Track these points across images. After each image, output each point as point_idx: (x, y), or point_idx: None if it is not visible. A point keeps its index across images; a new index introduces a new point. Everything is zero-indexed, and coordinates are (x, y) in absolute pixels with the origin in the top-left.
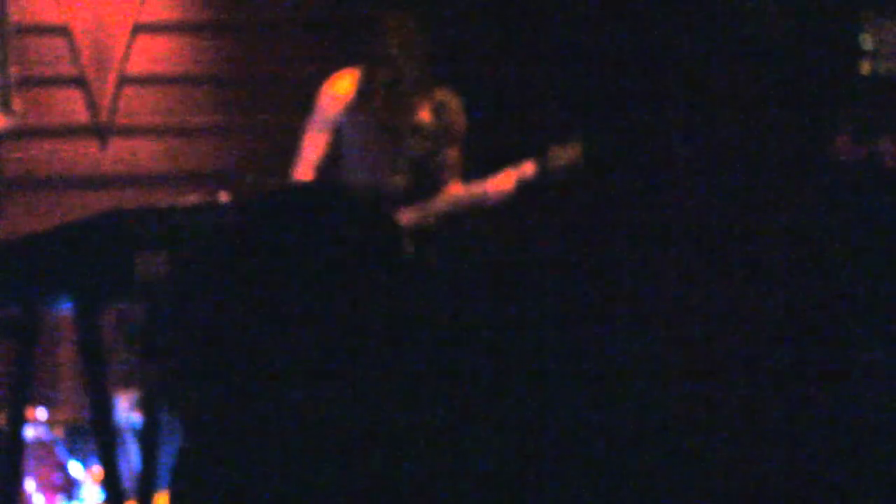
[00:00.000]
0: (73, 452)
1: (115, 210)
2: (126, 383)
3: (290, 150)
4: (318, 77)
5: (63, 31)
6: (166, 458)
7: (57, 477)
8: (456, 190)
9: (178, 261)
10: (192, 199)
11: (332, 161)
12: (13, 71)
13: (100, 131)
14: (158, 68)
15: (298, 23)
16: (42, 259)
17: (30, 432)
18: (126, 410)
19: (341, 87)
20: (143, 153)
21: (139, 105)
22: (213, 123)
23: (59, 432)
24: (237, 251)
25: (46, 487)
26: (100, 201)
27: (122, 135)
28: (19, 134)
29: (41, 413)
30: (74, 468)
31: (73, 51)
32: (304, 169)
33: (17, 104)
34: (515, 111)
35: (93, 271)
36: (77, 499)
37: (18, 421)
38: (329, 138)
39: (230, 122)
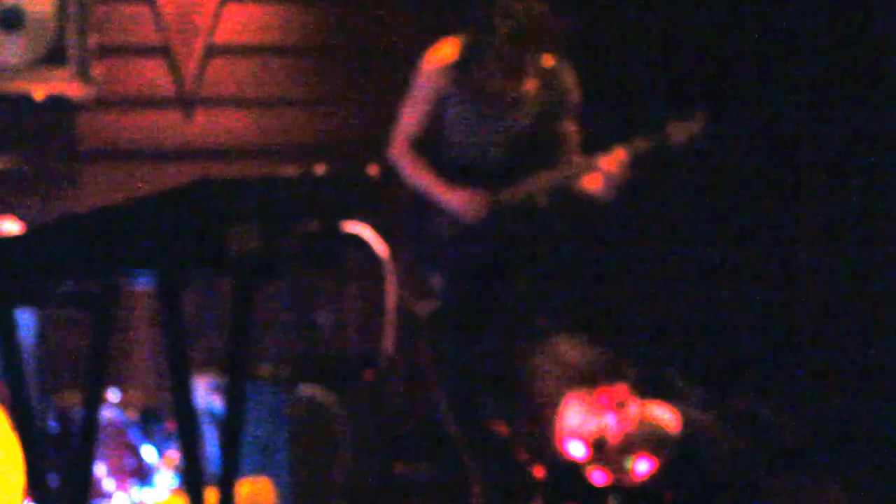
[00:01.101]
0: (147, 436)
1: (203, 179)
2: (204, 365)
3: (379, 122)
4: (410, 46)
5: None
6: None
7: (129, 461)
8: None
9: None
10: (288, 170)
11: (433, 133)
12: (94, 39)
13: (184, 102)
14: (246, 38)
15: None
16: (124, 230)
17: (102, 415)
18: (204, 394)
19: (444, 56)
20: (229, 125)
21: (225, 76)
22: (301, 95)
23: (132, 415)
24: None
25: (118, 472)
26: (182, 174)
27: (207, 106)
28: (99, 104)
29: (113, 395)
30: (148, 453)
31: (158, 19)
32: (403, 141)
33: (97, 73)
34: (632, 86)
35: (180, 244)
36: (149, 484)
37: (94, 402)
38: (430, 110)
39: (319, 93)
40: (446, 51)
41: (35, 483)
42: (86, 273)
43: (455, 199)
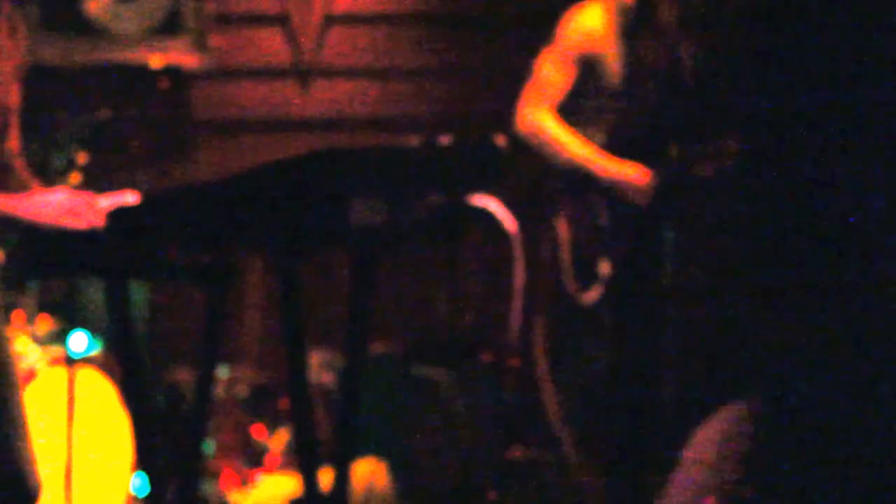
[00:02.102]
0: (256, 414)
1: (326, 150)
2: (316, 342)
3: (501, 93)
4: (532, 16)
5: None
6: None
7: (238, 439)
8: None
9: None
10: (412, 140)
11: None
12: (210, 8)
13: (302, 73)
14: (365, 7)
15: None
16: (243, 202)
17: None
18: (316, 371)
19: (589, 19)
20: (346, 96)
21: (344, 46)
22: (419, 65)
23: (241, 391)
24: None
25: (227, 450)
26: (299, 145)
27: (326, 76)
28: (215, 74)
29: (223, 371)
30: (257, 430)
31: None
32: (542, 107)
33: (214, 42)
34: None
35: (300, 217)
36: (259, 463)
37: (208, 378)
38: (573, 74)
39: (439, 63)
40: (592, 14)
41: (145, 458)
42: (203, 246)
43: (621, 175)
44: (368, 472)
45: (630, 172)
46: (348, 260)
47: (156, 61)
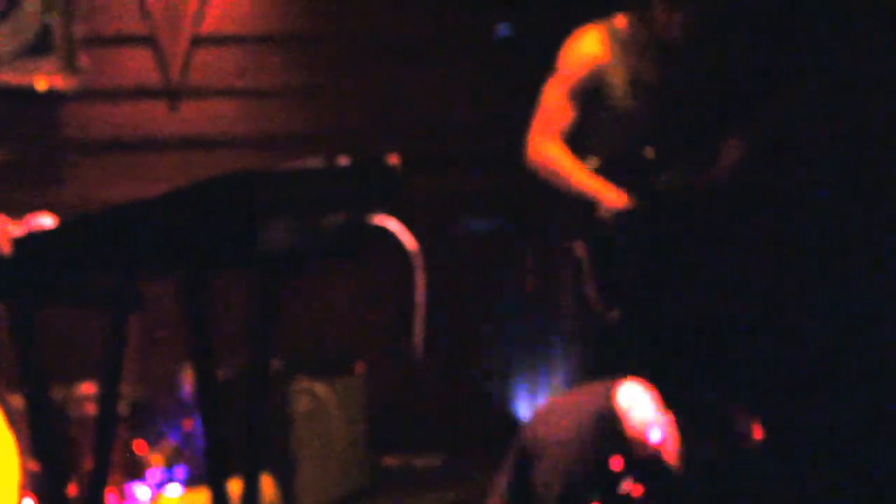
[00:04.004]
0: (138, 431)
1: (235, 172)
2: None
3: (366, 112)
4: (395, 35)
5: None
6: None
7: (120, 456)
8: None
9: None
10: (313, 162)
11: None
12: (79, 28)
13: (170, 93)
14: (232, 27)
15: None
16: (150, 225)
17: (91, 408)
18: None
19: (587, 45)
20: (215, 115)
21: (212, 66)
22: (287, 85)
23: (122, 409)
24: None
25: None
26: (169, 165)
27: (195, 96)
28: (85, 94)
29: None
30: (138, 446)
31: (144, 8)
32: (552, 135)
33: (83, 63)
34: None
35: (210, 240)
36: (140, 478)
37: (112, 398)
38: (579, 102)
39: (307, 83)
40: (592, 39)
41: (33, 482)
42: (110, 271)
43: (612, 201)
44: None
45: (615, 196)
46: (254, 282)
47: (25, 82)
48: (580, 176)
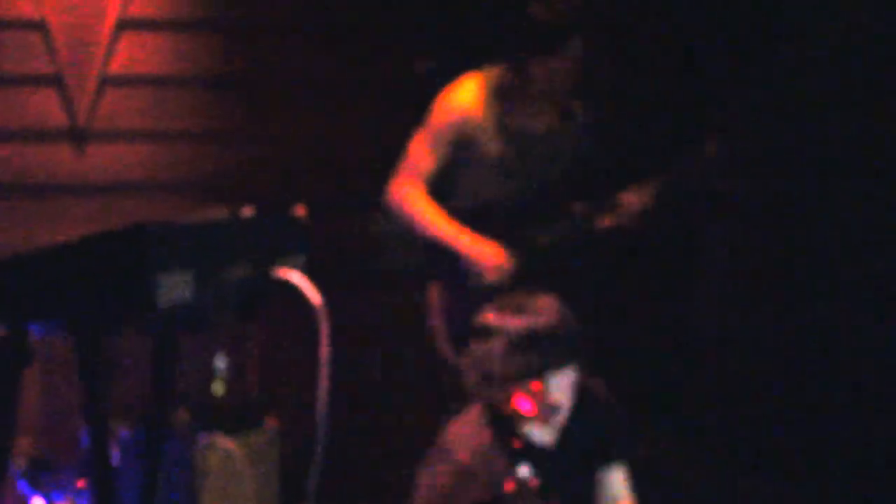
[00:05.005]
0: (36, 487)
1: (133, 224)
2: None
3: (276, 156)
4: (311, 80)
5: (39, 26)
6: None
7: None
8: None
9: None
10: (216, 212)
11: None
12: None
13: (77, 135)
14: (141, 69)
15: (292, 24)
16: (46, 277)
17: None
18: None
19: (462, 97)
20: (124, 159)
21: (121, 108)
22: (197, 128)
23: (20, 464)
24: None
25: None
26: (76, 209)
27: (102, 139)
28: None
29: None
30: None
31: (50, 48)
32: (416, 183)
33: None
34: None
35: (109, 293)
36: None
37: (5, 454)
38: (447, 153)
39: (216, 126)
40: (469, 93)
41: None
42: (2, 322)
43: (479, 254)
44: None
45: (488, 252)
46: (152, 337)
47: None
48: (446, 227)
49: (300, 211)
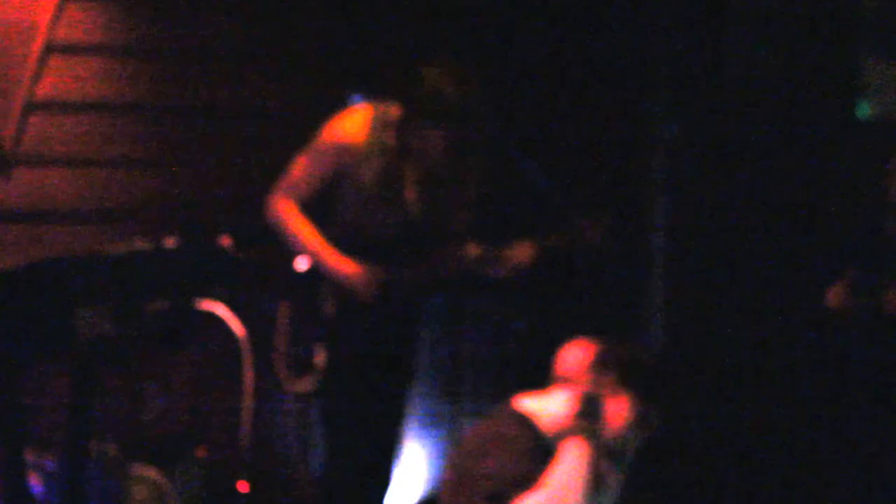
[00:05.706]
0: None
1: (52, 258)
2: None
3: (203, 183)
4: (242, 108)
5: None
6: None
7: None
8: (472, 250)
9: None
10: (137, 244)
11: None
12: None
13: (2, 161)
14: (68, 95)
15: (225, 50)
16: None
17: None
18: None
19: (348, 127)
20: (51, 187)
21: (47, 134)
22: (126, 155)
23: None
24: None
25: None
26: (2, 237)
27: (28, 166)
28: None
29: None
30: None
31: None
32: (292, 199)
33: None
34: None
35: (24, 327)
36: None
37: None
38: (326, 179)
39: (145, 153)
40: (355, 123)
41: None
42: None
43: (347, 272)
44: None
45: (353, 270)
46: (70, 370)
47: None
48: (316, 242)
49: (225, 241)
